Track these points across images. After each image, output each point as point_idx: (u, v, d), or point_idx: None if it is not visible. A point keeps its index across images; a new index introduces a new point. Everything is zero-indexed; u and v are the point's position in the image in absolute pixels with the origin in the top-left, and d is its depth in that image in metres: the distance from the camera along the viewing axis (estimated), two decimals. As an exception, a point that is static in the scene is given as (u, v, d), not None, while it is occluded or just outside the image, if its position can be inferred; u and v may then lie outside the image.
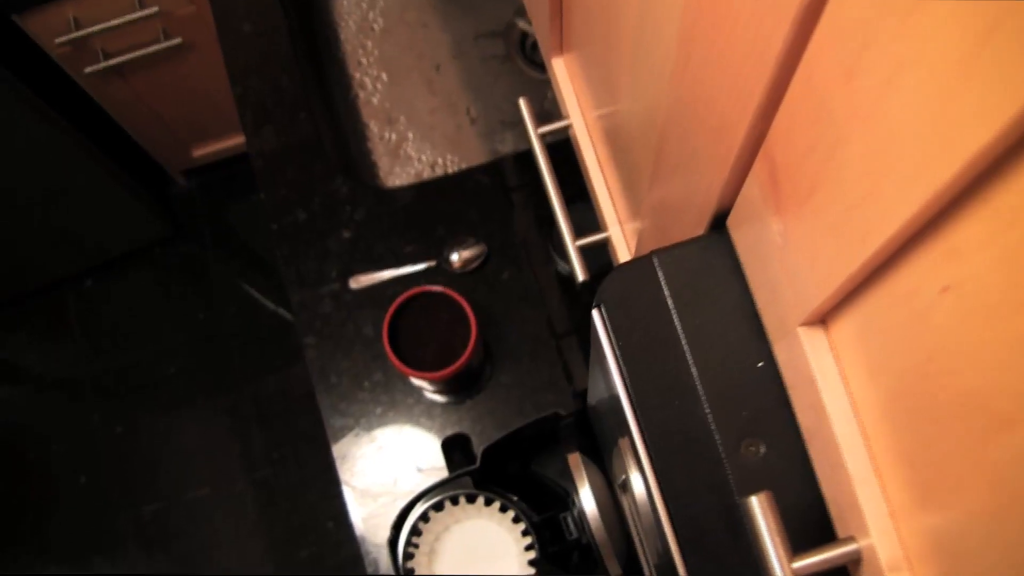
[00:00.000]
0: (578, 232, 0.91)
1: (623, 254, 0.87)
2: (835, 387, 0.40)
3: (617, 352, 0.50)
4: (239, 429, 2.39)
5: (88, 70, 1.78)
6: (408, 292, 1.15)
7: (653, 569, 0.76)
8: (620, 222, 0.88)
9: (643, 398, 0.49)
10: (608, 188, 0.89)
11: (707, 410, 0.47)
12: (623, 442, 0.78)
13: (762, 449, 0.46)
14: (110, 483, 2.39)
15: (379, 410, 1.31)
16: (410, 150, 1.56)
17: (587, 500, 0.79)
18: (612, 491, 0.84)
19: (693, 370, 0.48)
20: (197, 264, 2.51)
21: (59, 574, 2.35)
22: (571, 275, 1.36)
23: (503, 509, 1.01)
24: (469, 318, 1.14)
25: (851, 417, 0.40)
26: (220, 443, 2.39)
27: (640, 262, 0.50)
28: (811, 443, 0.45)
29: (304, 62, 1.52)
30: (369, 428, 1.31)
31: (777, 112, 0.37)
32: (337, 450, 1.31)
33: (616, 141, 0.80)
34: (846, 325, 0.39)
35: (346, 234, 1.37)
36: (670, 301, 0.49)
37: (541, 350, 1.31)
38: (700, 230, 0.51)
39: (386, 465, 1.29)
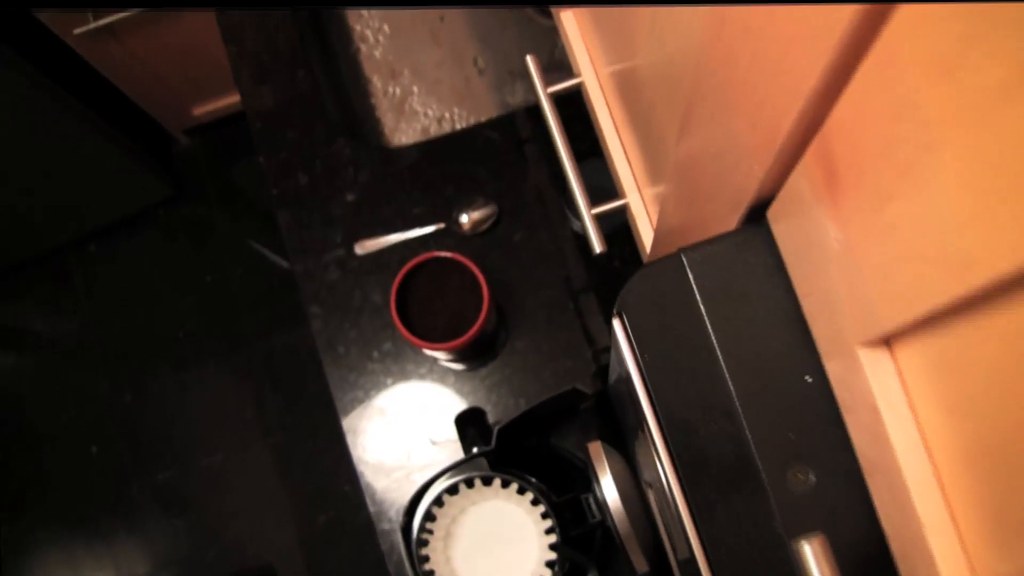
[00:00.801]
0: (595, 196, 0.84)
1: (642, 223, 0.81)
2: (903, 419, 0.34)
3: (642, 367, 0.44)
4: (251, 393, 2.35)
5: (78, 31, 1.71)
6: (416, 259, 1.09)
7: (679, 568, 0.71)
8: (639, 187, 0.81)
9: (673, 417, 0.43)
10: (625, 151, 0.82)
11: (747, 431, 0.41)
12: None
13: (812, 477, 0.40)
14: (121, 452, 2.35)
15: (389, 381, 1.26)
16: (415, 105, 1.49)
17: (610, 493, 0.73)
18: (636, 479, 0.78)
19: (730, 385, 0.42)
20: (203, 224, 2.45)
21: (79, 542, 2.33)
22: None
23: (521, 491, 0.95)
24: (481, 284, 1.08)
25: (923, 456, 0.33)
26: (232, 408, 2.35)
27: (667, 263, 0.44)
28: (871, 477, 0.39)
29: (301, 16, 1.44)
30: (380, 400, 1.26)
31: (841, 96, 0.30)
32: (347, 424, 1.26)
33: (633, 100, 0.73)
34: (920, 352, 0.32)
35: (350, 197, 1.31)
36: (702, 307, 0.42)
37: (558, 314, 1.25)
38: (734, 218, 0.45)
39: (399, 439, 1.24)
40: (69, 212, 2.31)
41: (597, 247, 0.82)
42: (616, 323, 0.47)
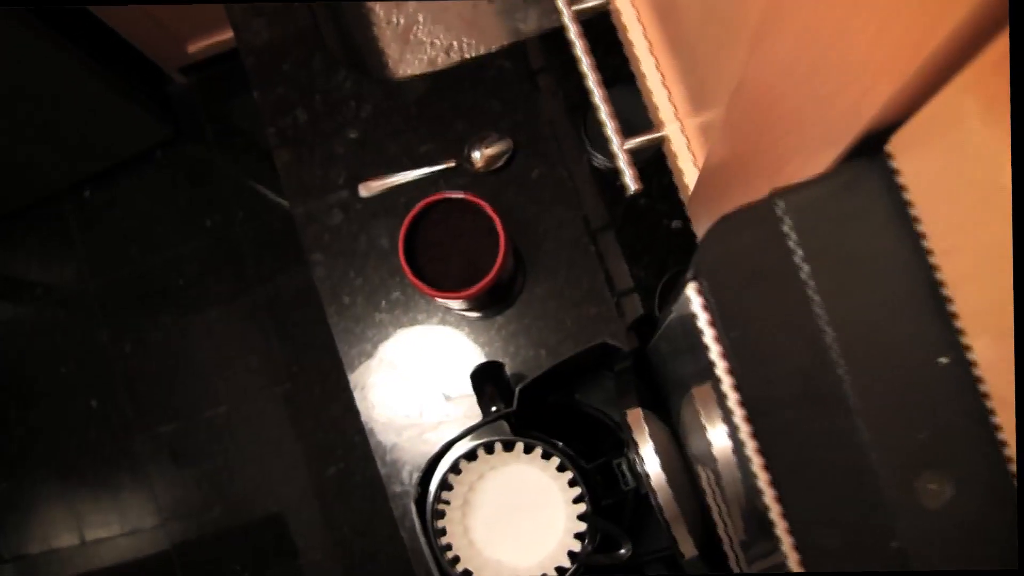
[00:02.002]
0: (624, 130, 0.74)
1: (683, 158, 0.71)
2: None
3: (727, 346, 0.35)
4: (256, 341, 2.27)
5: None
6: (425, 200, 0.99)
7: (739, 548, 0.62)
8: (679, 117, 0.71)
9: (766, 412, 0.34)
10: (662, 75, 0.72)
11: (863, 430, 0.32)
12: (698, 391, 0.63)
13: (948, 490, 0.31)
14: (123, 405, 2.29)
15: (399, 332, 1.17)
16: (421, 34, 1.38)
17: (653, 468, 0.64)
18: (682, 453, 0.69)
19: (841, 371, 0.32)
20: (201, 166, 2.35)
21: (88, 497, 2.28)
22: (609, 169, 1.19)
23: (546, 456, 0.87)
24: (496, 226, 0.99)
25: None
26: (236, 357, 2.27)
27: (755, 212, 0.34)
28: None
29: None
30: (389, 353, 1.17)
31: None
32: (354, 379, 1.17)
33: (676, 14, 0.63)
34: None
35: (352, 135, 1.21)
36: (804, 269, 0.33)
37: (579, 256, 1.16)
38: (828, 154, 0.35)
39: (410, 394, 1.16)
40: (63, 157, 2.21)
41: (632, 185, 0.72)
42: (692, 290, 0.38)
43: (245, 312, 2.28)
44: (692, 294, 0.38)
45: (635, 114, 0.77)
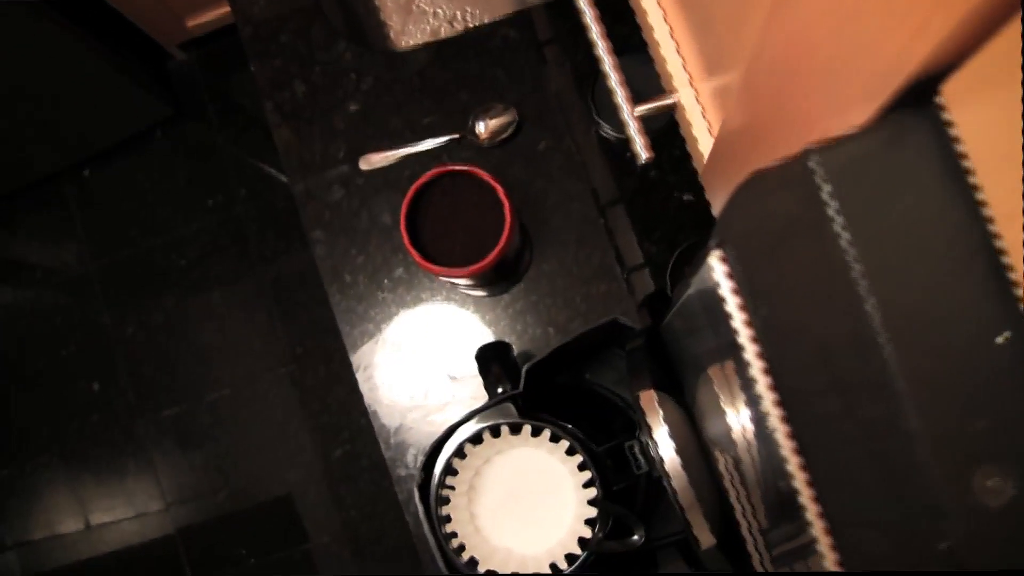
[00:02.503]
0: (635, 97, 0.70)
1: (697, 124, 0.67)
2: None
3: (756, 322, 0.31)
4: (259, 323, 2.24)
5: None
6: (427, 174, 0.96)
7: (759, 537, 0.58)
8: (692, 81, 0.68)
9: (800, 395, 0.30)
10: (674, 35, 0.68)
11: (911, 417, 0.28)
12: (714, 371, 0.59)
13: (1009, 487, 0.27)
14: (125, 388, 2.26)
15: (402, 311, 1.14)
16: (423, 4, 1.34)
17: (668, 453, 0.60)
18: (697, 434, 0.65)
19: (887, 349, 0.28)
20: (202, 144, 2.31)
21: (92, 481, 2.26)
22: (618, 141, 1.15)
23: (554, 439, 0.83)
24: (502, 200, 0.95)
25: None
26: (239, 339, 2.24)
27: (787, 171, 0.30)
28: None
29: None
30: (392, 333, 1.14)
31: None
32: (357, 360, 1.14)
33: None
34: None
35: (353, 108, 1.17)
36: (843, 234, 0.29)
37: (588, 232, 1.12)
38: (865, 108, 0.31)
39: (414, 375, 1.12)
40: (61, 136, 2.18)
41: (643, 154, 0.68)
42: (715, 260, 0.34)
43: (248, 293, 2.25)
44: (716, 264, 0.34)
45: (645, 84, 0.73)
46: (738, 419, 0.57)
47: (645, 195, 1.14)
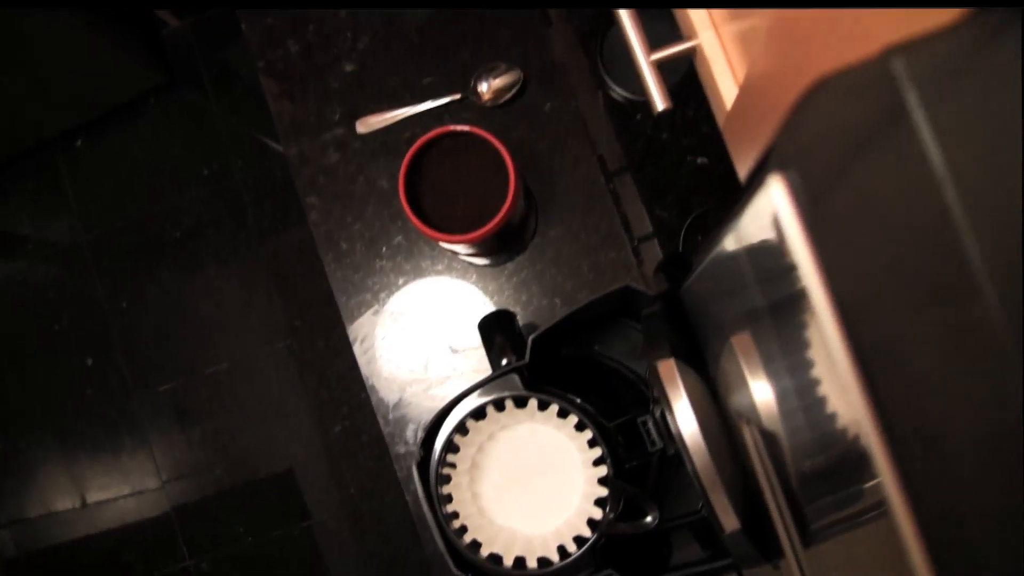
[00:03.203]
0: (651, 43, 0.65)
1: (720, 71, 0.61)
2: None
3: (827, 260, 0.25)
4: (256, 295, 2.19)
5: None
6: (427, 135, 0.90)
7: (790, 520, 0.53)
8: (714, 24, 0.62)
9: (881, 349, 0.25)
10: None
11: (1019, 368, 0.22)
12: (738, 340, 0.54)
13: None
14: (119, 363, 2.22)
15: (401, 280, 1.09)
16: (423, -40, 1.28)
17: (688, 429, 0.55)
18: (719, 409, 0.60)
19: (990, 294, 0.22)
20: (197, 112, 2.25)
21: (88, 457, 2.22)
22: (628, 101, 1.10)
23: (562, 414, 0.78)
24: (506, 162, 0.90)
25: None
26: (236, 313, 2.19)
27: (863, 75, 0.25)
28: None
29: None
30: (391, 303, 1.09)
31: None
32: (354, 331, 1.09)
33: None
34: None
35: (349, 68, 1.12)
36: (935, 153, 0.23)
37: (596, 197, 1.06)
38: (946, 14, 0.25)
39: (414, 347, 1.08)
40: (52, 105, 2.12)
41: (659, 103, 0.63)
42: (777, 184, 0.29)
43: (245, 265, 2.20)
44: (777, 188, 0.29)
45: (657, 42, 0.67)
46: (768, 390, 0.52)
47: (656, 159, 1.09)
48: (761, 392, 0.52)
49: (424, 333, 1.07)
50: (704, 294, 0.60)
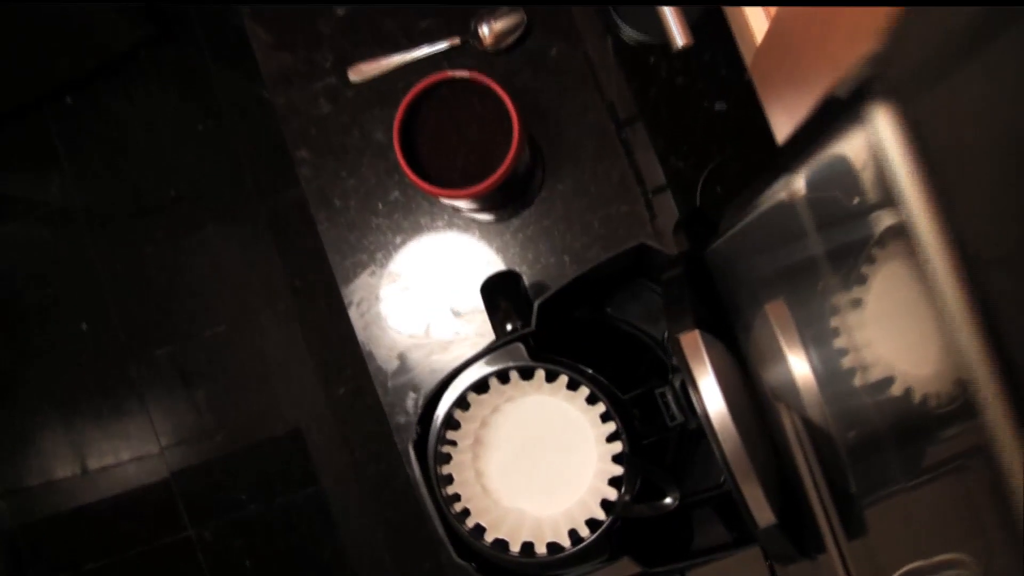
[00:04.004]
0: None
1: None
2: None
3: (944, 206, 0.19)
4: (255, 255, 2.13)
5: None
6: (424, 81, 0.84)
7: (832, 510, 0.47)
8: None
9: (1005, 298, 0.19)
10: None
11: None
12: (773, 308, 0.47)
13: None
14: (115, 327, 2.16)
15: (399, 239, 1.02)
16: None
17: (716, 408, 0.48)
18: (750, 386, 0.53)
19: None
20: (191, 65, 2.17)
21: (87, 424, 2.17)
22: (641, 44, 1.03)
23: (572, 386, 0.71)
24: (509, 110, 0.83)
25: None
26: (234, 272, 2.13)
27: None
28: None
29: None
30: (388, 263, 1.02)
31: None
32: (349, 293, 1.03)
33: None
34: None
35: (340, 10, 1.04)
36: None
37: (607, 147, 0.99)
38: None
39: (414, 310, 1.01)
40: (39, 60, 2.04)
41: (679, 39, 0.56)
42: (882, 113, 0.22)
43: (243, 224, 2.13)
44: (883, 119, 0.22)
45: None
46: (808, 361, 0.45)
47: (670, 105, 1.02)
48: (800, 364, 0.46)
49: (424, 295, 1.01)
50: (735, 255, 0.53)
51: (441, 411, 0.72)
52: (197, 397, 2.13)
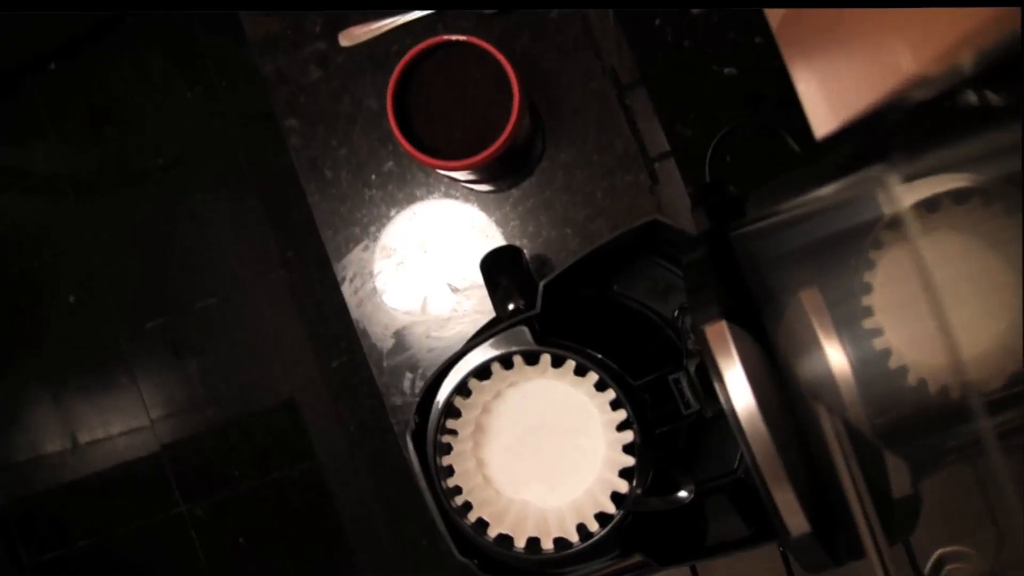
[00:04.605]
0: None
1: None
2: None
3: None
4: (246, 225, 2.09)
5: None
6: (418, 46, 0.80)
7: (876, 524, 0.43)
8: None
9: None
10: None
11: None
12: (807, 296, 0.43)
13: None
14: (104, 299, 2.13)
15: (393, 212, 0.98)
16: None
17: (747, 413, 0.44)
18: (780, 382, 0.49)
19: None
20: (178, 29, 2.12)
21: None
22: None
23: (580, 371, 0.67)
24: (509, 76, 0.79)
25: None
26: (225, 242, 2.10)
27: None
28: None
29: None
30: (382, 237, 0.98)
31: None
32: (341, 269, 0.99)
33: None
34: None
35: (330, -29, 0.99)
36: None
37: (610, 115, 0.95)
38: None
39: (410, 285, 0.97)
40: (19, 26, 1.98)
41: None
42: None
43: (233, 193, 2.09)
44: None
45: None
46: (847, 355, 0.41)
47: (677, 70, 0.98)
48: (837, 356, 0.42)
49: (420, 270, 0.97)
50: (770, 241, 0.49)
51: (440, 399, 0.68)
52: (188, 370, 2.10)
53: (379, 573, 2.05)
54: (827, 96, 0.56)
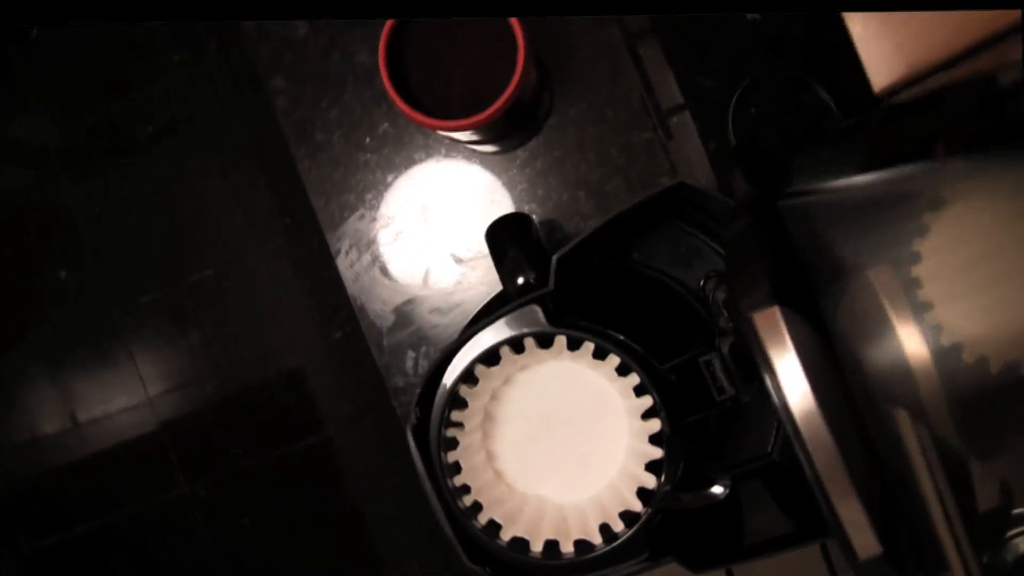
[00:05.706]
0: None
1: None
2: None
3: None
4: (240, 192, 2.02)
5: None
6: (411, -6, 0.71)
7: (961, 529, 0.36)
8: None
9: None
10: None
11: None
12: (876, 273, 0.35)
13: None
14: (95, 274, 2.07)
15: (390, 177, 0.91)
16: None
17: (806, 414, 0.37)
18: (840, 373, 0.41)
19: None
20: (165, -10, 2.04)
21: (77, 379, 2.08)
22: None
23: (599, 354, 0.59)
24: (511, 25, 0.72)
25: None
26: (219, 212, 2.03)
27: None
28: None
29: None
30: (379, 205, 0.91)
31: None
32: (336, 240, 0.92)
33: None
34: None
35: (313, -84, 0.91)
36: None
37: (624, 65, 0.87)
38: None
39: (410, 256, 0.90)
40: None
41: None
42: None
43: (226, 160, 2.02)
44: None
45: None
46: (927, 344, 0.34)
47: (695, 15, 0.90)
48: (917, 345, 0.34)
49: (421, 240, 0.90)
50: (829, 215, 0.41)
51: (444, 389, 0.61)
52: (185, 346, 2.05)
53: (392, 553, 2.00)
54: (891, 42, 0.49)
